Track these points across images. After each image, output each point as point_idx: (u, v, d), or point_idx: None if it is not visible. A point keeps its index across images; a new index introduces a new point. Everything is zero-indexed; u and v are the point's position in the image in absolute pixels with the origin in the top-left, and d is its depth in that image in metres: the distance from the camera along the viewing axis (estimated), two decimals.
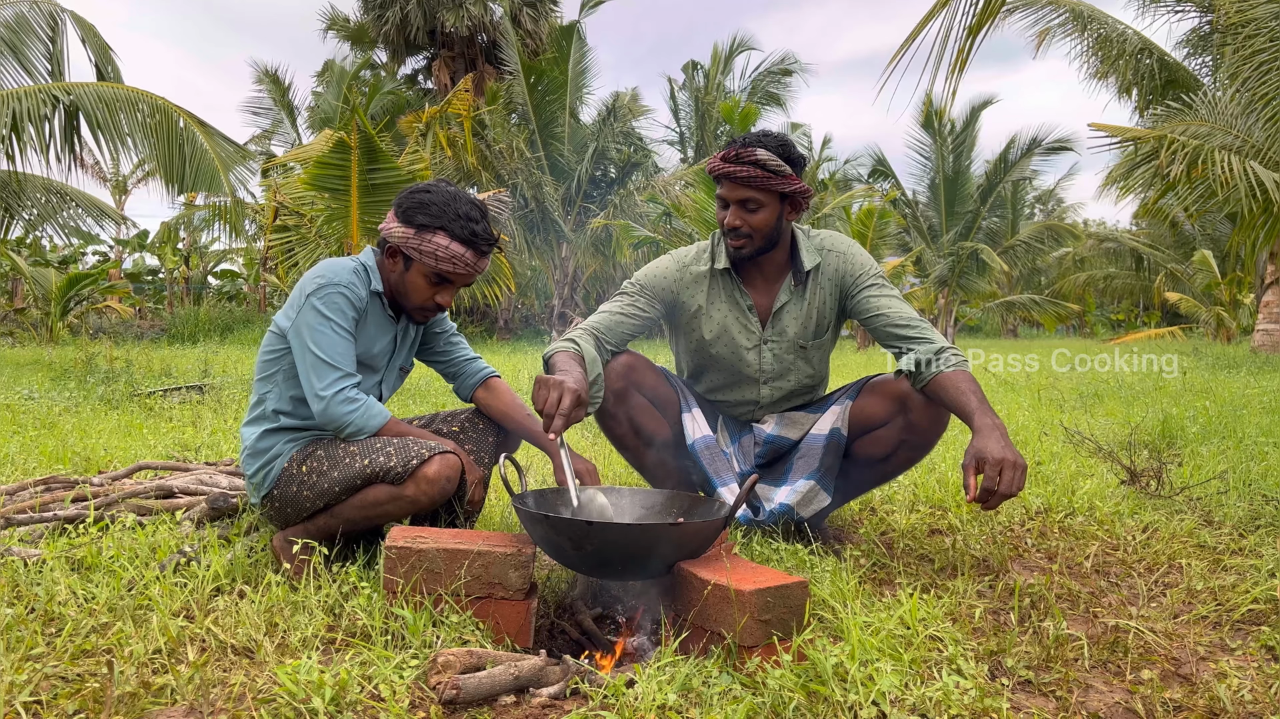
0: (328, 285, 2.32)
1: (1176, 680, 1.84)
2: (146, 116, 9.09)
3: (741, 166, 2.55)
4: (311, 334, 2.30)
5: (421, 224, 2.33)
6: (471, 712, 1.62)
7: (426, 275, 2.38)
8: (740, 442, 2.85)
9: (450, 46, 25.27)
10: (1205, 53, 10.37)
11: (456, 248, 2.34)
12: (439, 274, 2.38)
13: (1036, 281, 31.87)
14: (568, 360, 2.39)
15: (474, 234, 2.35)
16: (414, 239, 2.34)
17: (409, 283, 2.40)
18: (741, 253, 2.66)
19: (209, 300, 25.06)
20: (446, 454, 2.24)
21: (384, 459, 2.21)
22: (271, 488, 2.40)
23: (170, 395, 6.82)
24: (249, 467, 2.44)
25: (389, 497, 2.22)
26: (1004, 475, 2.14)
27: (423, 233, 2.34)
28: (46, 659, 1.72)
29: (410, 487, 2.20)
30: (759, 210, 2.59)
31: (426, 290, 2.40)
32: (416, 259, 2.36)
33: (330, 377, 2.29)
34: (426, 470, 2.20)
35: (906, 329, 2.57)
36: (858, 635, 1.77)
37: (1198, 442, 4.76)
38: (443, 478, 2.21)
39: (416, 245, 2.34)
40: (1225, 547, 2.82)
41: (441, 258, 2.34)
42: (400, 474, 2.20)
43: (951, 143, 22.96)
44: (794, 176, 2.58)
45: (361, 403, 2.31)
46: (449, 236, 2.33)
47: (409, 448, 2.23)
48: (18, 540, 2.53)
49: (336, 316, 2.31)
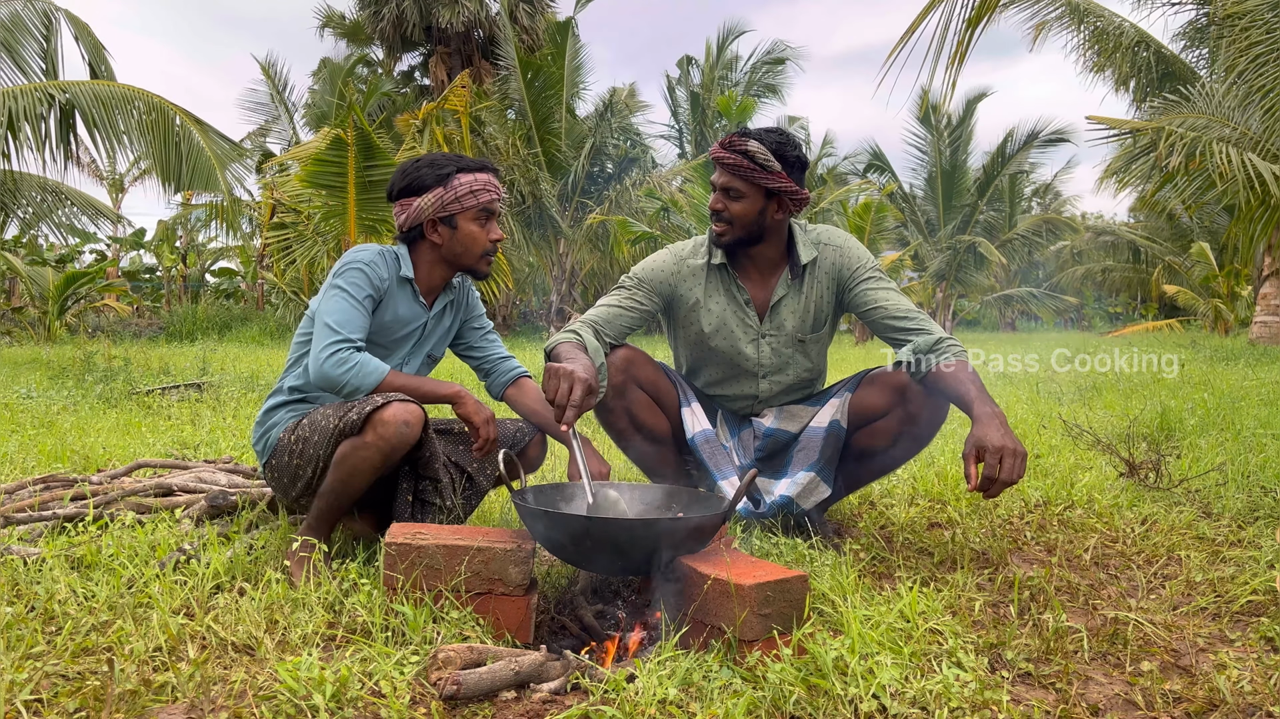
0: (349, 263, 2.42)
1: (1176, 672, 1.84)
2: (143, 114, 9.07)
3: (730, 154, 2.57)
4: (324, 303, 2.38)
5: (439, 178, 2.44)
6: (472, 707, 1.62)
7: (475, 218, 2.47)
8: (740, 435, 2.85)
9: (446, 43, 25.22)
10: (1202, 45, 10.37)
11: (481, 175, 2.46)
12: (483, 208, 2.47)
13: (1034, 275, 31.89)
14: (572, 349, 2.39)
15: (481, 161, 2.50)
16: (445, 194, 2.43)
17: (464, 238, 2.48)
18: (722, 239, 2.67)
19: (207, 298, 25.01)
20: (407, 401, 2.25)
21: (348, 414, 2.23)
22: (269, 457, 2.47)
23: (169, 393, 6.81)
24: (254, 435, 2.52)
25: (352, 447, 2.22)
26: (1004, 463, 2.14)
27: (447, 183, 2.43)
28: (47, 657, 1.72)
29: (369, 432, 2.20)
30: (739, 200, 2.60)
31: (480, 234, 2.48)
32: (458, 210, 2.44)
33: (327, 338, 2.31)
34: (383, 413, 2.20)
35: (904, 321, 2.57)
36: (858, 629, 1.77)
37: (1196, 434, 4.76)
38: (398, 420, 2.20)
39: (452, 196, 2.43)
40: (1224, 538, 2.82)
41: (477, 189, 2.44)
42: (357, 422, 2.21)
43: (948, 136, 22.96)
44: (782, 174, 2.57)
45: (356, 361, 2.30)
46: (468, 172, 2.45)
47: (370, 399, 2.24)
48: (17, 539, 2.53)
49: (350, 288, 2.38)
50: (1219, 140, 7.07)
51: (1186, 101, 8.82)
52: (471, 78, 17.52)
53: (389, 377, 2.35)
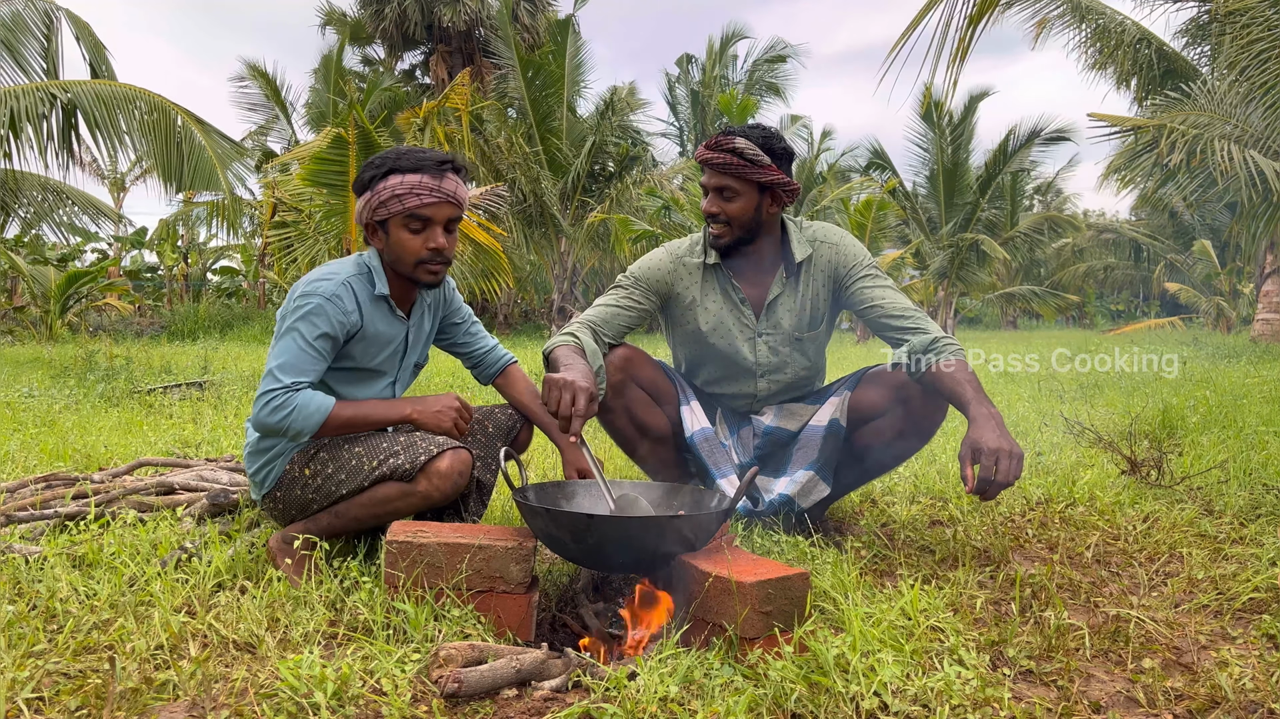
0: (310, 295, 2.25)
1: (1178, 669, 1.84)
2: (144, 114, 9.07)
3: (719, 154, 2.56)
4: (276, 343, 2.26)
5: (370, 179, 2.29)
6: (474, 705, 1.62)
7: (404, 224, 2.28)
8: (739, 433, 2.85)
9: (447, 41, 25.24)
10: (1204, 42, 10.35)
11: (411, 178, 2.25)
12: (410, 214, 2.26)
13: (1036, 273, 31.85)
14: (570, 354, 2.38)
15: (421, 160, 2.26)
16: (373, 198, 2.28)
17: (395, 246, 2.31)
18: (720, 241, 2.66)
19: (208, 297, 25.03)
20: (458, 449, 2.23)
21: (392, 459, 2.20)
22: (273, 488, 2.37)
23: (170, 392, 6.82)
24: (250, 464, 2.40)
25: (400, 493, 2.21)
26: (1000, 465, 2.14)
27: (375, 186, 2.28)
28: (48, 656, 1.72)
29: (422, 482, 2.19)
30: (735, 199, 2.60)
31: (414, 241, 2.29)
32: (385, 215, 2.28)
33: (264, 386, 2.21)
34: (439, 465, 2.18)
35: (902, 320, 2.57)
36: (859, 626, 1.77)
37: (1198, 431, 4.76)
38: (455, 472, 2.20)
39: (378, 200, 2.27)
40: (1226, 535, 2.82)
41: (402, 193, 2.24)
42: (410, 471, 2.18)
43: (950, 134, 22.90)
44: (773, 167, 2.57)
45: (293, 405, 2.18)
46: (399, 173, 2.26)
47: (417, 444, 2.21)
48: (19, 538, 2.53)
49: (305, 328, 2.23)
50: (1221, 137, 7.06)
51: (1188, 99, 8.81)
52: (472, 76, 17.52)
53: (336, 409, 2.24)
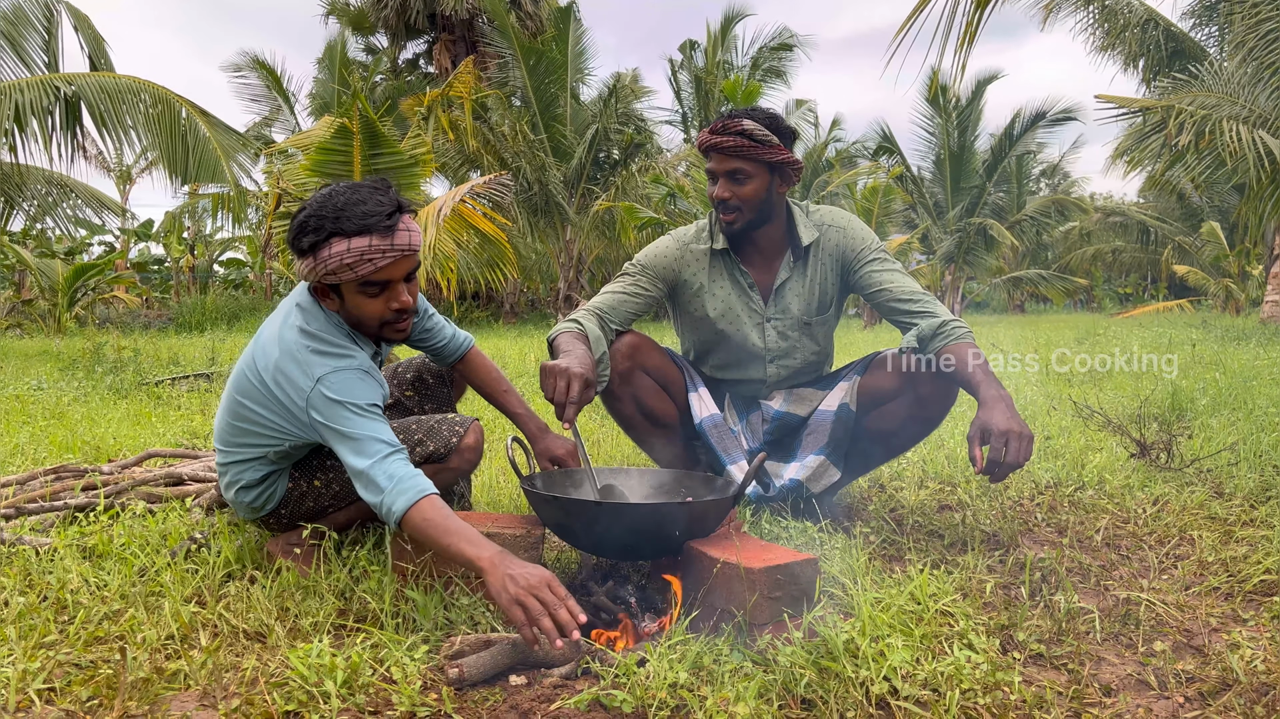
0: (333, 373, 2.00)
1: (1189, 652, 1.83)
2: (149, 107, 9.09)
3: (727, 137, 2.54)
4: (341, 424, 1.97)
5: (311, 245, 1.96)
6: (483, 692, 1.62)
7: (359, 290, 2.01)
8: (748, 419, 2.84)
9: (450, 30, 25.15)
10: (1211, 23, 10.26)
11: (357, 243, 1.93)
12: (366, 281, 1.99)
13: (1043, 256, 31.72)
14: (571, 341, 2.37)
15: (364, 220, 1.93)
16: (316, 265, 1.97)
17: (355, 309, 2.06)
18: (733, 227, 2.64)
19: (215, 289, 25.10)
20: (474, 421, 2.33)
21: (420, 449, 2.27)
22: (276, 507, 2.29)
23: (178, 384, 6.84)
24: (242, 497, 2.25)
25: (433, 473, 2.24)
26: (1010, 446, 2.13)
27: (318, 253, 1.96)
28: (59, 646, 1.73)
29: (454, 459, 2.29)
30: (747, 181, 2.58)
31: (374, 305, 2.04)
32: (336, 281, 2.00)
33: (369, 451, 1.94)
34: (467, 440, 2.29)
35: (910, 303, 2.56)
36: (868, 612, 1.76)
37: (1208, 414, 4.74)
38: (479, 444, 2.32)
39: (324, 269, 1.96)
40: (1236, 518, 2.81)
41: (351, 262, 1.94)
42: (445, 454, 2.28)
43: (956, 118, 22.80)
44: (781, 147, 2.57)
45: (395, 480, 1.90)
46: (344, 238, 1.93)
47: (441, 429, 2.29)
48: (29, 529, 2.55)
49: (357, 398, 1.99)
50: (1229, 118, 7.01)
51: (1196, 80, 8.75)
52: (476, 64, 17.46)
53: (428, 505, 1.88)
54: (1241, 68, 7.89)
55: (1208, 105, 7.64)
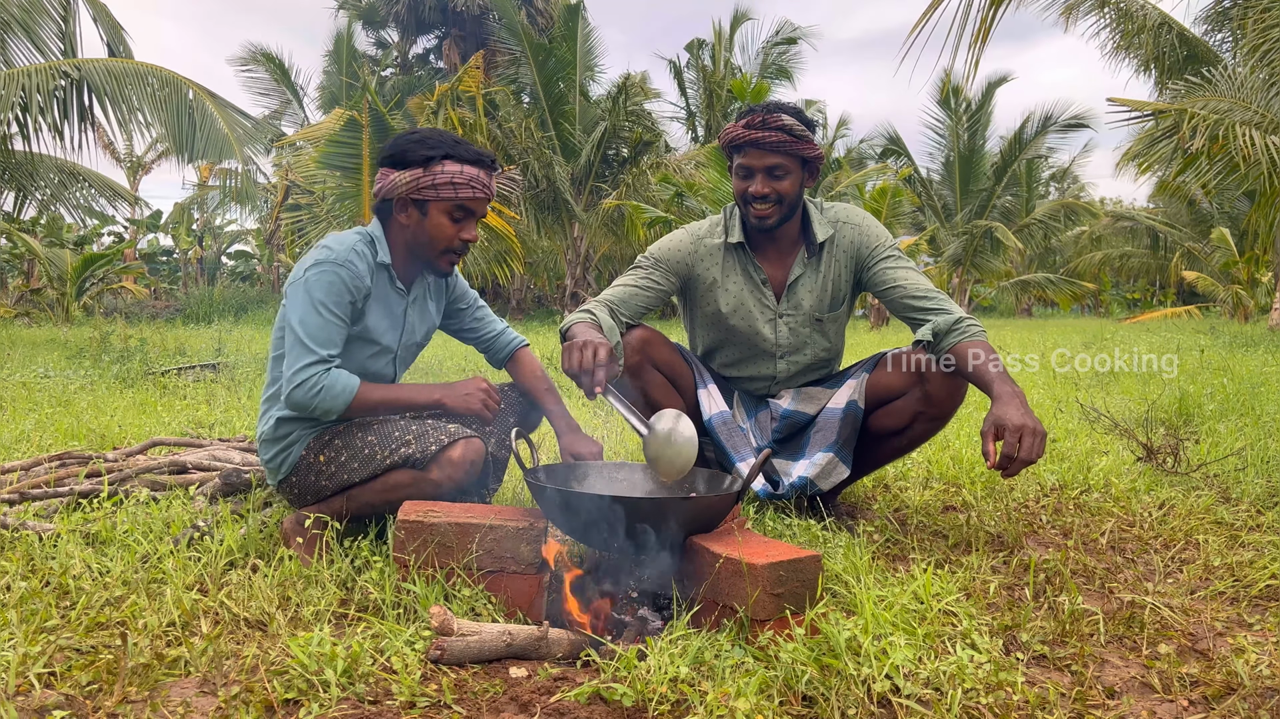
0: (324, 263, 2.22)
1: (1193, 656, 1.82)
2: (156, 89, 9.11)
3: (769, 132, 2.53)
4: (297, 311, 2.21)
5: (426, 158, 2.22)
6: (483, 684, 1.62)
7: (448, 211, 2.27)
8: (757, 417, 2.83)
9: (461, 26, 25.18)
10: (1225, 27, 10.21)
11: (470, 170, 2.24)
12: (460, 205, 2.26)
13: (1051, 260, 31.63)
14: (586, 329, 2.37)
15: (478, 153, 2.27)
16: (424, 177, 2.22)
17: (431, 228, 2.28)
18: (766, 222, 2.63)
19: (223, 281, 25.16)
20: (470, 438, 2.22)
21: (403, 449, 2.20)
22: (289, 474, 2.36)
23: (184, 374, 6.85)
24: (266, 451, 2.37)
25: (412, 480, 2.21)
26: (1024, 442, 2.13)
27: (430, 166, 2.22)
28: (61, 631, 1.73)
29: (434, 470, 2.19)
30: (786, 176, 2.58)
31: (450, 229, 2.28)
32: (433, 197, 2.24)
33: (300, 361, 2.19)
34: (451, 453, 2.18)
35: (924, 300, 2.55)
36: (871, 610, 1.76)
37: (1215, 419, 4.72)
38: (467, 460, 2.19)
39: (430, 181, 2.22)
40: (1242, 523, 2.79)
41: (459, 183, 2.23)
42: (421, 460, 2.19)
43: (966, 120, 22.75)
44: (814, 142, 2.60)
45: (321, 386, 2.18)
46: (458, 162, 2.24)
47: (428, 434, 2.21)
48: (33, 515, 2.55)
49: (324, 295, 2.20)
50: (1242, 123, 6.98)
51: (1209, 84, 8.71)
52: (485, 60, 17.47)
53: (363, 390, 2.24)
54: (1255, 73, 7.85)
55: (1220, 110, 7.61)
